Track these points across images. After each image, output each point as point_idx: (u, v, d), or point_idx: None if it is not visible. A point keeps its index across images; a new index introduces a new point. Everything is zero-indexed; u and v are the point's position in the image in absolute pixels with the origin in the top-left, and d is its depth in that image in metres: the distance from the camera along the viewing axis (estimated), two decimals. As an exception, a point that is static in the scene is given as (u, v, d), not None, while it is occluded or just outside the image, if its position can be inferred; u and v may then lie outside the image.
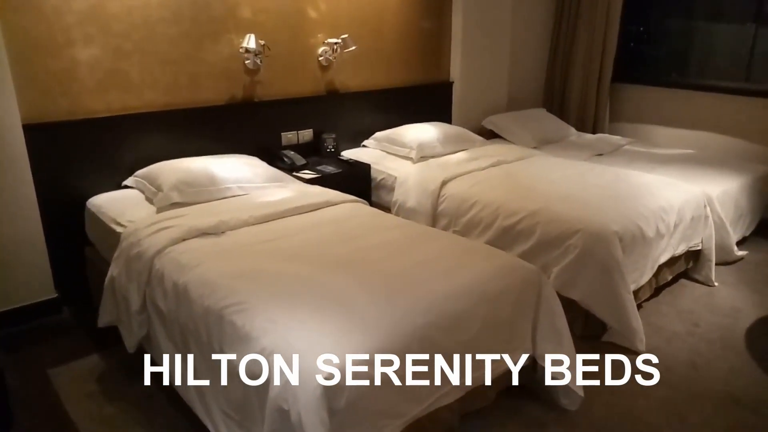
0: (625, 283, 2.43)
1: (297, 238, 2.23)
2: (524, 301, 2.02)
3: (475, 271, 1.97)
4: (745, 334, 2.59)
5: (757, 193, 3.61)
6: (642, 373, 2.30)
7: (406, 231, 2.34)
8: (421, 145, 3.54)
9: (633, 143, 4.35)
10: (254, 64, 3.22)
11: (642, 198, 2.80)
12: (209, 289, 1.83)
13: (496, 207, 2.83)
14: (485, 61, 4.48)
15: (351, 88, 3.80)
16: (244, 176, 2.77)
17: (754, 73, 4.27)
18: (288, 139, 3.50)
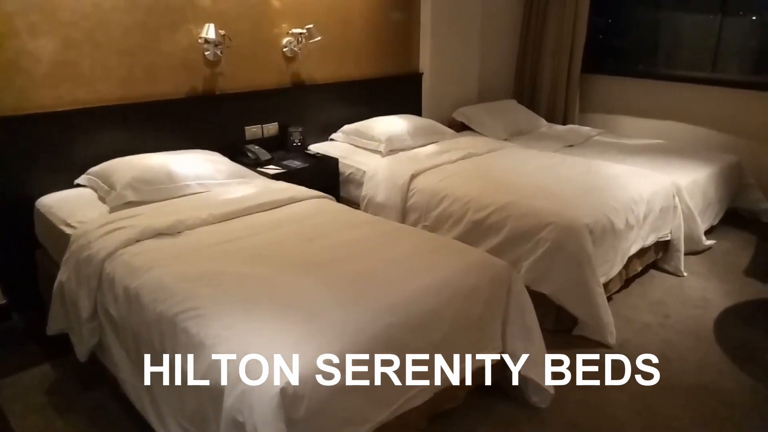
0: (595, 277, 2.40)
1: (258, 237, 2.14)
2: (494, 298, 1.97)
3: (444, 269, 1.90)
4: (714, 325, 2.59)
5: (725, 182, 3.64)
6: (612, 368, 2.27)
7: (374, 228, 2.27)
8: (390, 138, 3.46)
9: (603, 134, 4.34)
10: (214, 55, 3.09)
11: (612, 190, 2.77)
12: (163, 293, 1.73)
13: (466, 201, 2.78)
14: (455, 52, 4.41)
15: (318, 80, 3.69)
16: (205, 172, 2.65)
17: (720, 63, 4.30)
18: (252, 133, 3.38)
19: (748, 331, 2.55)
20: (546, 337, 2.45)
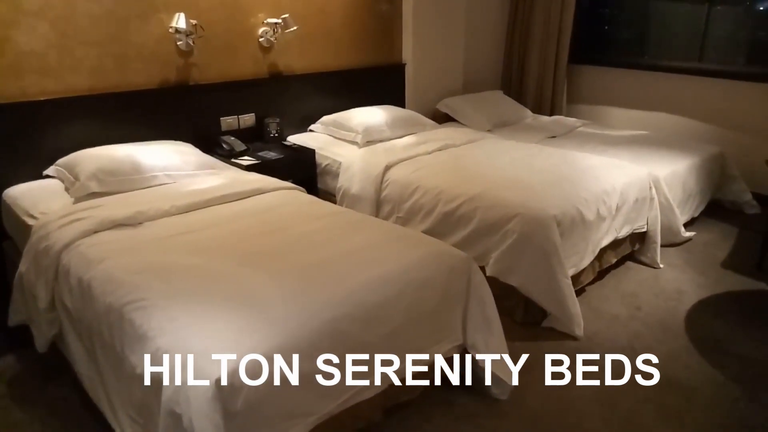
0: (562, 268, 2.38)
1: (218, 229, 2.12)
2: (453, 289, 1.95)
3: (400, 260, 1.88)
4: (686, 317, 2.57)
5: (707, 173, 3.60)
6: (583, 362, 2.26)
7: (339, 219, 2.25)
8: (367, 129, 3.44)
9: (587, 125, 4.31)
10: (187, 45, 3.07)
11: (584, 181, 2.74)
12: (112, 285, 1.72)
13: (437, 192, 2.75)
14: (439, 42, 4.37)
15: (296, 71, 3.66)
16: (173, 163, 2.64)
17: (707, 54, 4.25)
18: (228, 125, 3.36)
19: (719, 324, 2.53)
20: (514, 329, 2.47)
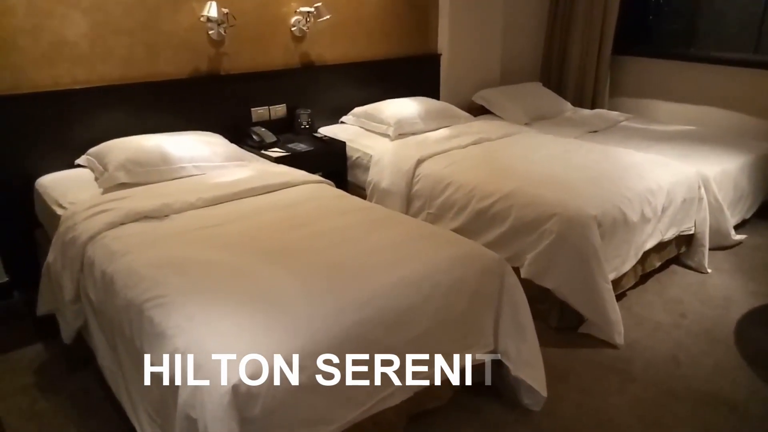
0: (602, 272, 2.25)
1: (243, 223, 2.07)
2: (484, 292, 1.85)
3: (429, 261, 1.79)
4: (735, 327, 2.40)
5: (760, 172, 3.38)
6: (617, 370, 2.14)
7: (366, 215, 2.17)
8: (399, 122, 3.34)
9: (631, 119, 4.11)
10: (218, 34, 3.02)
11: (627, 179, 2.59)
12: (133, 279, 1.68)
13: (470, 188, 2.64)
14: (476, 31, 4.22)
15: (328, 61, 3.59)
16: (201, 155, 2.60)
17: (764, 44, 3.98)
18: (259, 115, 3.32)
19: (764, 332, 2.35)
20: (549, 334, 2.36)
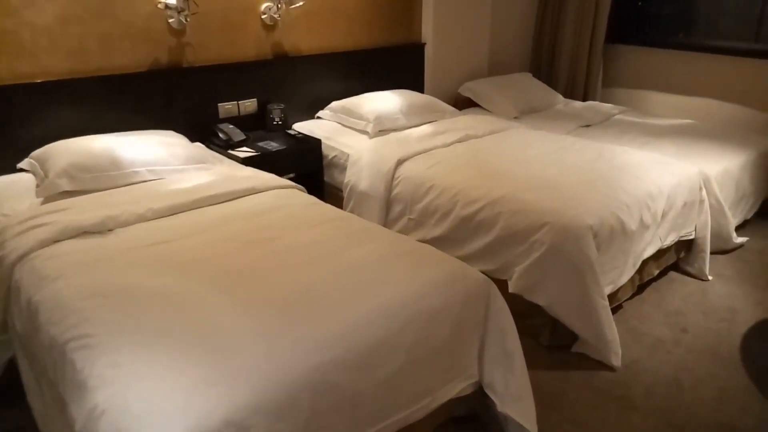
0: (598, 287, 2.04)
1: (197, 238, 1.83)
2: (468, 318, 1.64)
3: (406, 286, 1.57)
4: (741, 344, 2.21)
5: (762, 170, 3.18)
6: (614, 397, 1.94)
7: (338, 228, 1.94)
8: (379, 117, 3.10)
9: (626, 112, 3.89)
10: (179, 23, 2.76)
11: (625, 182, 2.37)
12: (59, 313, 1.45)
13: (454, 193, 2.42)
14: (462, 19, 3.97)
15: (303, 51, 3.33)
16: (158, 157, 2.35)
17: (764, 33, 3.77)
18: (227, 111, 3.06)
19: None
20: (540, 353, 2.16)
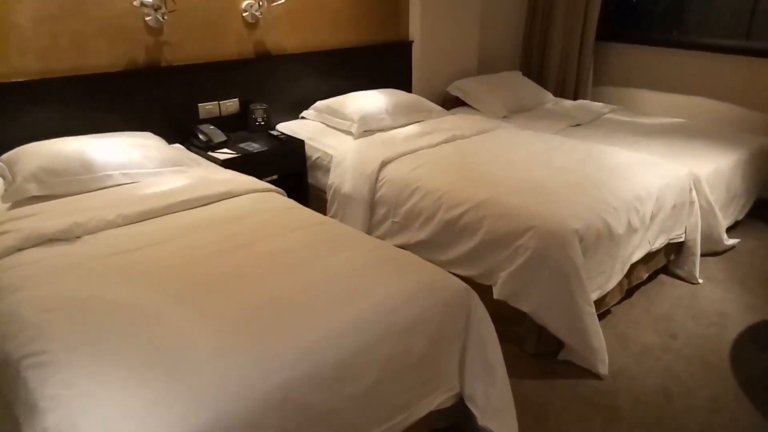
0: (584, 294, 1.98)
1: (168, 246, 1.76)
2: (447, 329, 1.58)
3: (380, 295, 1.51)
4: (731, 350, 2.16)
5: (754, 169, 3.13)
6: (601, 407, 1.88)
7: (316, 234, 1.87)
8: (364, 118, 3.03)
9: (616, 111, 3.84)
10: (156, 21, 2.68)
11: (613, 184, 2.31)
12: (15, 327, 1.38)
13: (438, 195, 2.36)
14: (451, 16, 3.90)
15: (287, 50, 3.26)
16: (132, 160, 2.28)
17: (757, 30, 3.72)
18: (207, 112, 2.98)
19: (765, 355, 2.11)
20: (525, 361, 2.10)
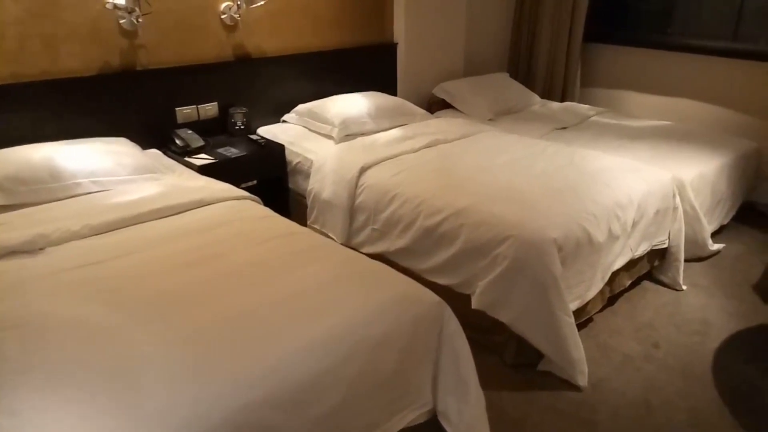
0: (563, 304, 1.94)
1: (133, 258, 1.71)
2: (419, 344, 1.53)
3: (349, 310, 1.46)
4: (713, 360, 2.13)
5: (740, 173, 3.11)
6: (580, 420, 1.85)
7: (289, 245, 1.82)
8: (345, 122, 2.98)
9: (603, 113, 3.81)
10: (131, 23, 2.62)
11: (594, 190, 2.27)
12: (-35, 347, 1.33)
13: (418, 203, 2.31)
14: (436, 17, 3.86)
15: (268, 53, 3.21)
16: (103, 167, 2.22)
17: (743, 31, 3.70)
18: (185, 116, 2.93)
19: (753, 371, 2.08)
20: (504, 373, 2.06)
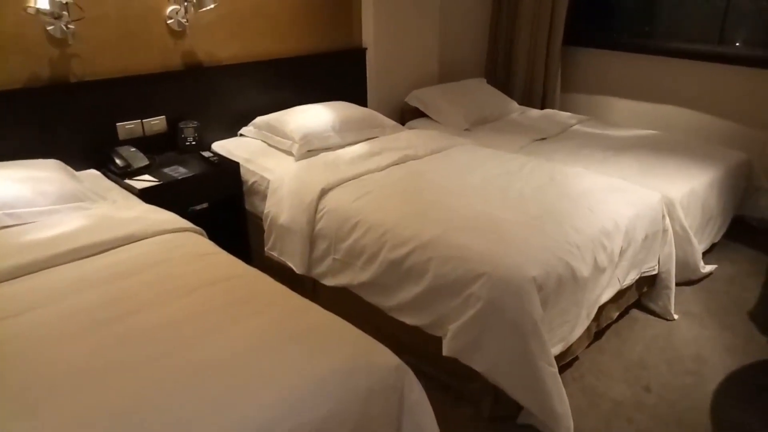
0: (544, 351, 1.71)
1: (32, 316, 1.42)
2: (374, 418, 1.28)
3: (284, 388, 1.20)
4: (711, 406, 1.91)
5: (730, 187, 2.91)
6: (565, 485, 1.62)
7: (224, 293, 1.54)
8: (306, 136, 2.72)
9: (584, 122, 3.59)
10: (61, 30, 2.33)
11: (577, 216, 2.04)
12: None
13: (382, 231, 2.06)
14: (409, 20, 3.62)
15: (222, 60, 2.93)
16: (21, 197, 1.93)
17: (729, 35, 3.52)
18: (128, 132, 2.64)
19: (747, 417, 1.87)
20: (482, 427, 1.83)
